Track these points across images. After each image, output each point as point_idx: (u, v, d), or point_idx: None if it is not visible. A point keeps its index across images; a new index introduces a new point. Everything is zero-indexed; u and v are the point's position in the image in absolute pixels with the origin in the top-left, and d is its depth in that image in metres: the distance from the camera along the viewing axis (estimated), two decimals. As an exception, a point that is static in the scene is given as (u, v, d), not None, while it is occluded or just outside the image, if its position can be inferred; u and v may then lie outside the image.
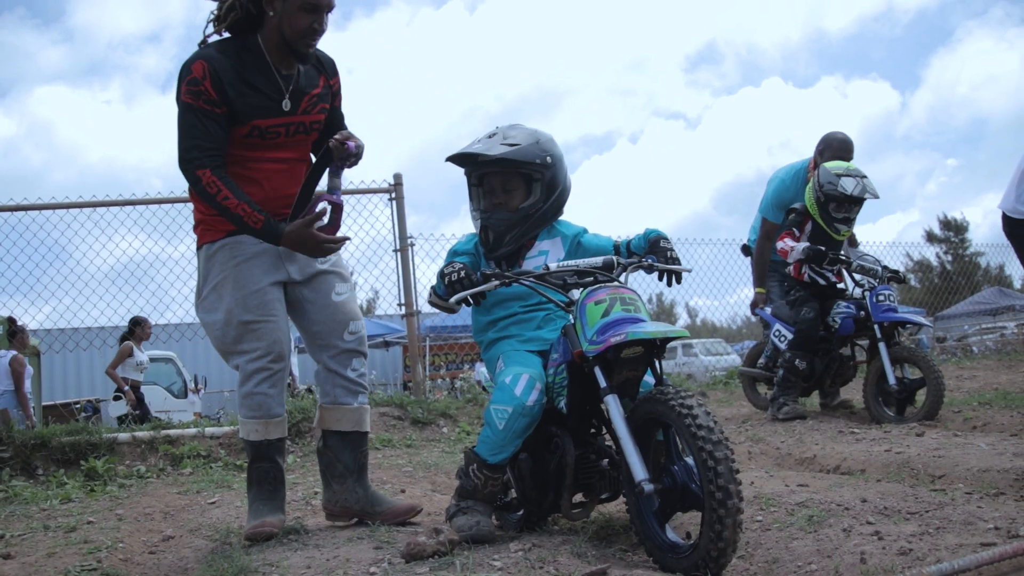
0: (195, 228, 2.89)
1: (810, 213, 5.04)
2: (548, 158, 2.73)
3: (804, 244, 4.98)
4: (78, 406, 11.13)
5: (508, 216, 2.75)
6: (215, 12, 2.78)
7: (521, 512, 2.79)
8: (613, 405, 2.24)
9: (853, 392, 5.54)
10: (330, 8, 2.74)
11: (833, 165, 4.94)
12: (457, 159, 2.77)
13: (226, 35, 2.80)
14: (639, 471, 2.10)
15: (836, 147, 5.31)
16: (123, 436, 5.06)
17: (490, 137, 2.74)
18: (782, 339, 5.22)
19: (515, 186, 2.75)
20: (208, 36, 2.79)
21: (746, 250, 6.06)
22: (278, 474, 2.89)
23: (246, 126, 2.72)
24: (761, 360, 5.58)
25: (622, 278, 2.54)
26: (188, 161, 2.63)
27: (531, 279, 2.54)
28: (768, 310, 5.48)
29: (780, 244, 5.11)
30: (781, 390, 5.13)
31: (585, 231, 2.91)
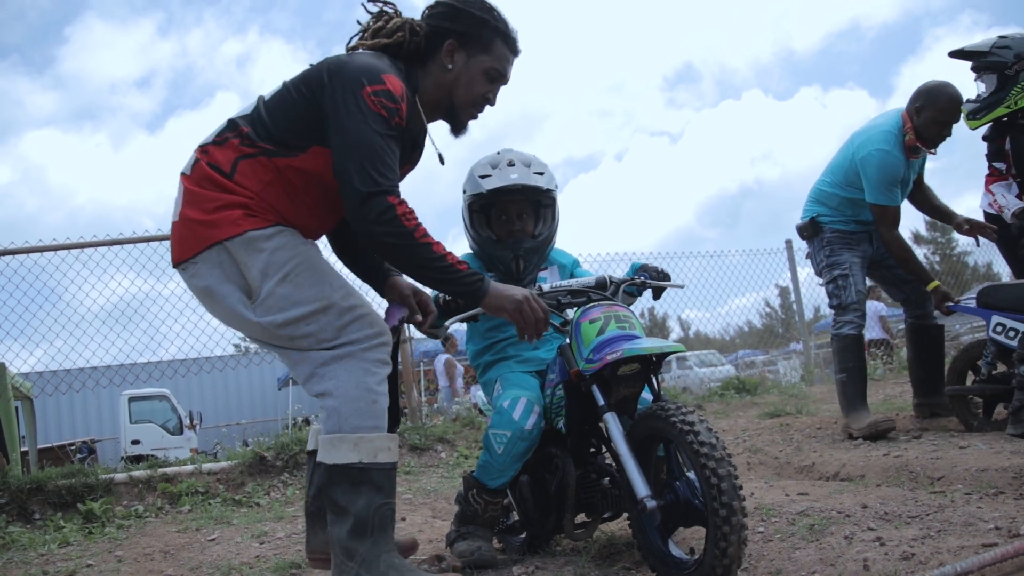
0: (215, 213, 2.13)
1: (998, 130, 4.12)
2: (556, 184, 2.80)
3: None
4: (73, 447, 11.06)
5: (534, 243, 2.79)
6: (377, 22, 2.34)
7: (524, 535, 2.78)
8: (612, 423, 2.24)
9: None
10: (506, 83, 2.40)
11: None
12: (510, 191, 2.73)
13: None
14: (641, 488, 2.10)
15: (943, 106, 4.10)
16: (120, 476, 5.02)
17: (510, 165, 2.75)
18: (1012, 334, 3.81)
19: (528, 213, 2.79)
20: (359, 44, 2.32)
21: (814, 228, 4.48)
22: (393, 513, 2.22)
23: None
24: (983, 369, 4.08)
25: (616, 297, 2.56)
26: (378, 183, 2.05)
27: None
28: (968, 301, 4.06)
29: (988, 196, 4.18)
30: None
31: (578, 262, 2.99)
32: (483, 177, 2.74)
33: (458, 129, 2.41)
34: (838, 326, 4.37)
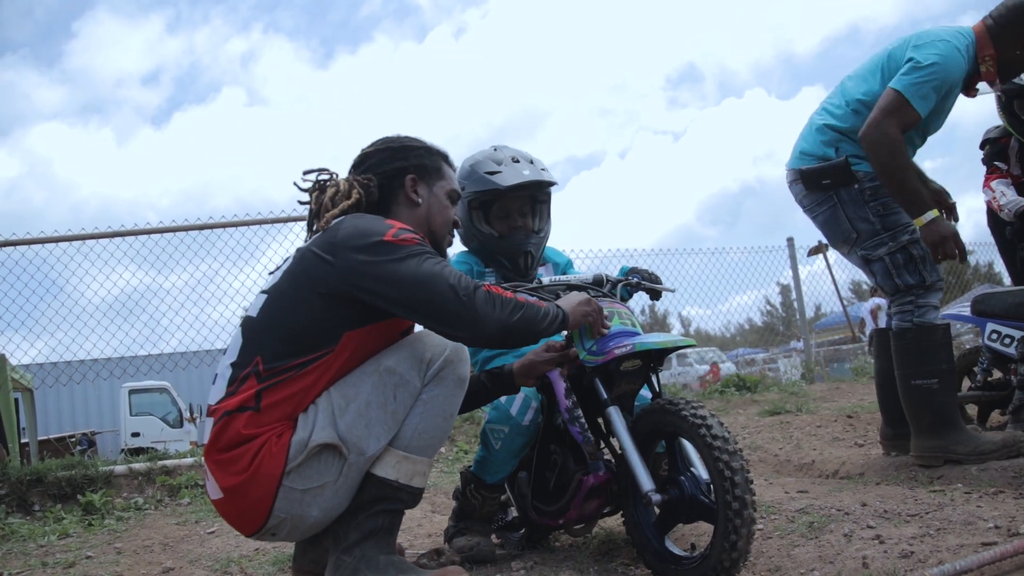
0: (253, 464, 1.94)
1: (1009, 132, 3.65)
2: None
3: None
4: (73, 440, 11.07)
5: (538, 239, 2.82)
6: (324, 192, 2.20)
7: (523, 531, 2.78)
8: (616, 416, 2.24)
9: None
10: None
11: None
12: (525, 186, 2.72)
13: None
14: (646, 482, 2.10)
15: None
16: (120, 468, 5.03)
17: (515, 161, 2.76)
18: (1007, 341, 3.74)
19: (529, 209, 2.79)
20: (327, 219, 2.13)
21: (845, 174, 3.18)
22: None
23: (407, 323, 2.20)
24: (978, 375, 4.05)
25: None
26: (467, 284, 1.97)
27: (525, 291, 2.55)
28: (963, 309, 3.92)
29: (989, 192, 3.84)
30: None
31: (571, 263, 3.02)
32: (491, 173, 2.72)
33: (441, 255, 2.32)
34: (920, 312, 3.17)
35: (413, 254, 1.98)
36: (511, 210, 2.78)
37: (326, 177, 2.25)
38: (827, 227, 3.33)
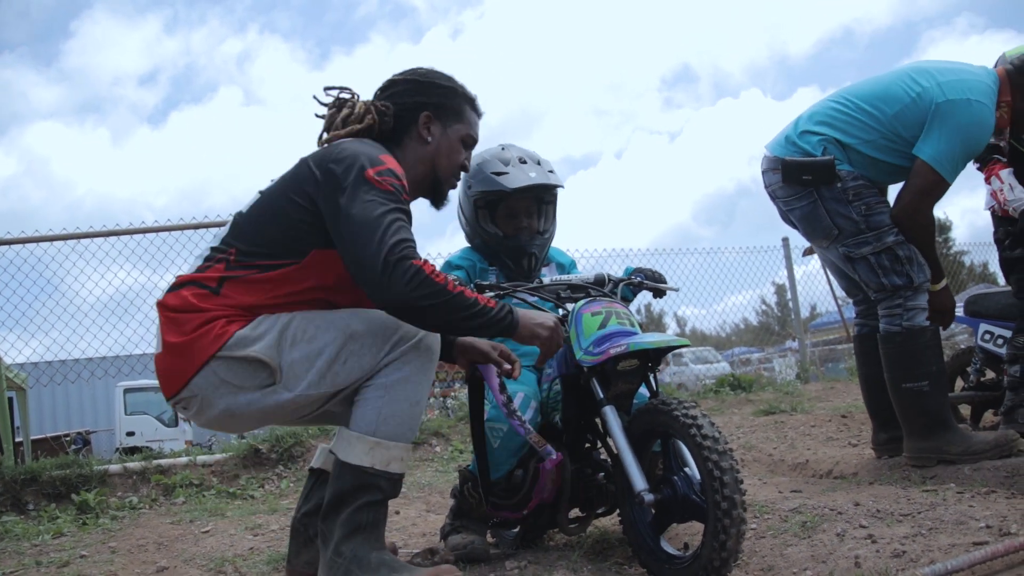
0: (197, 331, 2.00)
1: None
2: None
3: None
4: (68, 439, 11.06)
5: (543, 240, 2.82)
6: (340, 111, 2.24)
7: (517, 529, 2.79)
8: (611, 416, 2.24)
9: None
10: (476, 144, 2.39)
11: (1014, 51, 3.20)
12: (532, 189, 2.72)
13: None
14: (639, 481, 2.10)
15: None
16: (114, 467, 5.03)
17: (523, 162, 2.75)
18: (1000, 341, 3.77)
19: (534, 210, 2.80)
20: (333, 136, 2.21)
21: (788, 172, 3.17)
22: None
23: None
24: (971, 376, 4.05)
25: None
26: (402, 250, 1.93)
27: (526, 291, 2.55)
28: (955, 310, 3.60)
29: (997, 181, 3.70)
30: (1020, 393, 3.52)
31: (575, 264, 3.03)
32: (498, 174, 2.71)
33: (440, 201, 2.36)
34: (909, 315, 3.14)
35: (378, 198, 1.98)
36: (517, 211, 2.78)
37: (347, 96, 2.27)
38: (806, 221, 3.27)
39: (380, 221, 1.94)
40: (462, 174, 2.43)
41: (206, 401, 2.02)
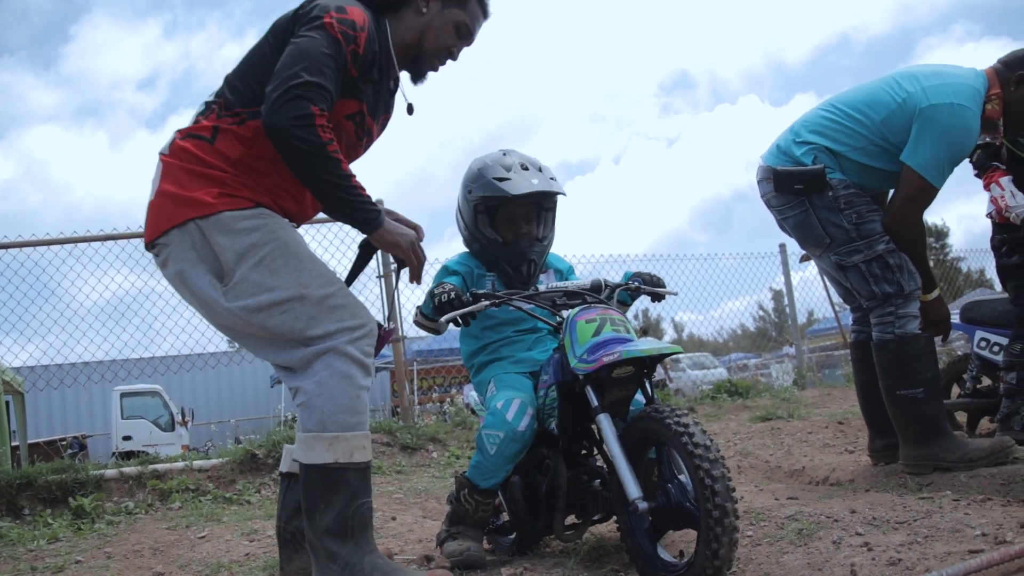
0: (191, 188, 2.08)
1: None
2: None
3: None
4: (64, 443, 11.02)
5: (542, 247, 2.81)
6: None
7: (514, 535, 2.79)
8: (606, 423, 2.24)
9: None
10: (471, 43, 2.44)
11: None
12: (534, 196, 2.71)
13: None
14: (633, 489, 2.11)
15: None
16: (110, 472, 5.01)
17: (525, 169, 2.73)
18: (996, 348, 3.78)
19: (533, 217, 2.79)
20: None
21: (780, 181, 3.23)
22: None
23: (355, 107, 2.22)
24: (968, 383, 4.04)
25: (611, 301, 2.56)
26: (305, 88, 1.98)
27: (521, 299, 2.55)
28: (951, 317, 3.63)
29: (997, 188, 3.64)
30: (1016, 400, 3.55)
31: (572, 270, 3.01)
32: (500, 180, 2.69)
33: (418, 77, 2.40)
34: (901, 323, 3.13)
35: (323, 40, 2.05)
36: (517, 217, 2.77)
37: None
38: (799, 230, 3.30)
39: (309, 56, 2.02)
40: (464, 177, 2.43)
41: (172, 256, 2.11)
